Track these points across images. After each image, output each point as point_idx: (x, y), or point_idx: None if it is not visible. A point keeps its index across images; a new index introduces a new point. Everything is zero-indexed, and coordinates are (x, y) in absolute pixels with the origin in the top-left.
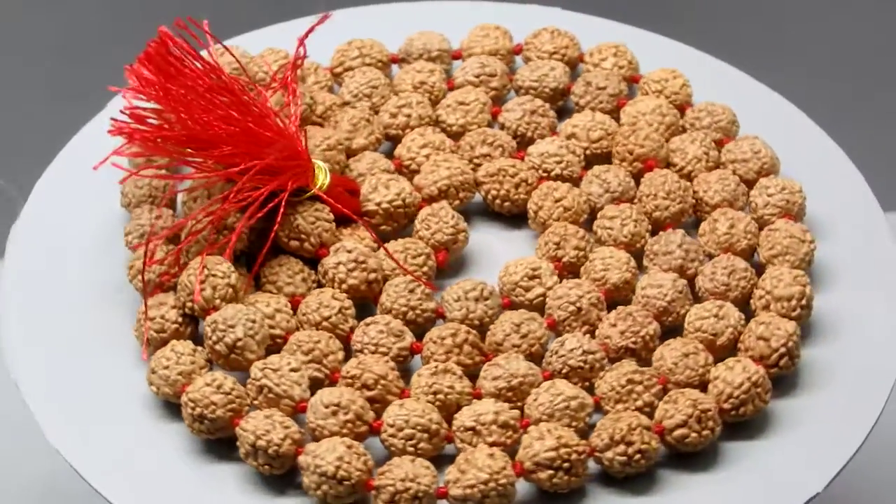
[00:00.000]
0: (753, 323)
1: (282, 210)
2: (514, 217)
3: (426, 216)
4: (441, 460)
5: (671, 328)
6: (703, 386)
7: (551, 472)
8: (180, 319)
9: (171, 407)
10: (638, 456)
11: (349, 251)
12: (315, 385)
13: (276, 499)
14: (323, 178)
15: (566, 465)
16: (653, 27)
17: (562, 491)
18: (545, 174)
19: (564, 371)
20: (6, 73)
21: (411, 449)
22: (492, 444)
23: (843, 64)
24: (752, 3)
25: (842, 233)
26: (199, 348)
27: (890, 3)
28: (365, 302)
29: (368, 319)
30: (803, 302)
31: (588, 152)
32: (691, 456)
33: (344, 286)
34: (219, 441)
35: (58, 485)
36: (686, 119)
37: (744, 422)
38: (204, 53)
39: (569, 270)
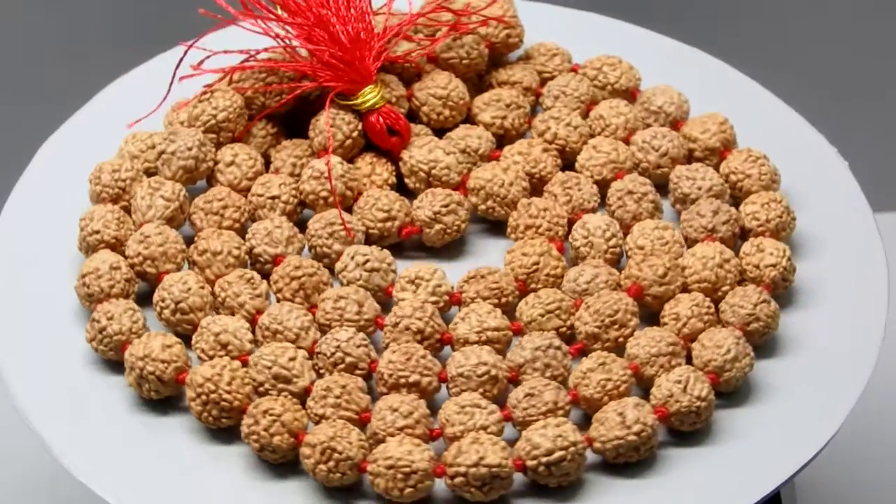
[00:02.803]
0: (532, 430)
1: (290, 96)
2: None
3: (428, 191)
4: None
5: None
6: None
7: (248, 424)
8: (185, 123)
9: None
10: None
11: (326, 165)
12: (188, 240)
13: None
14: (371, 96)
15: (252, 425)
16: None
17: (254, 449)
18: (573, 241)
19: (318, 352)
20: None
21: (174, 319)
22: (232, 373)
23: (840, 63)
24: (752, 2)
25: (830, 233)
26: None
27: (890, 3)
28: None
29: (273, 217)
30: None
31: (629, 253)
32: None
33: (300, 187)
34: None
35: (58, 485)
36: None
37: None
38: None
39: (459, 305)
